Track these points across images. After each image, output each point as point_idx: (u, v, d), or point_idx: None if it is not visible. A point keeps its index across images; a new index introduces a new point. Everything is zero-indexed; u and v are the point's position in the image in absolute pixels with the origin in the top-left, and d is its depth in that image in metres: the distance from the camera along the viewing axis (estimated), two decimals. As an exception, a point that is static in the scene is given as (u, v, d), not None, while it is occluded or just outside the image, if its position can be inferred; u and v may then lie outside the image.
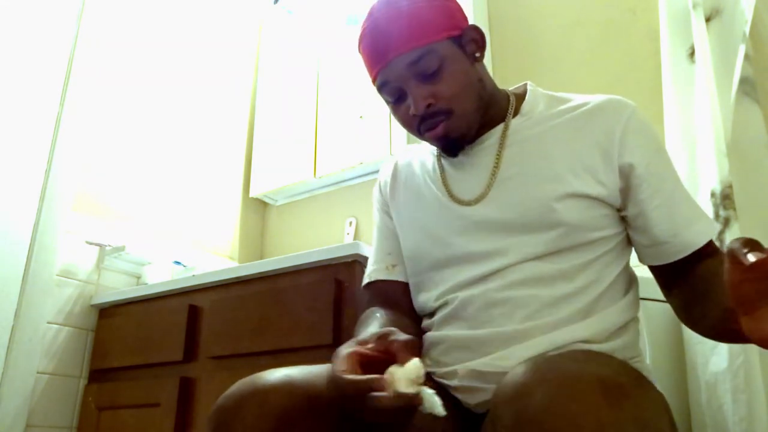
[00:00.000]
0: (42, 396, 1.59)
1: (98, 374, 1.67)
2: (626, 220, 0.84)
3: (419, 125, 0.85)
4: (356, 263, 1.27)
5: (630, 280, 0.86)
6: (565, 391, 0.54)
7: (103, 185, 1.84)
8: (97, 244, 1.77)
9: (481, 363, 0.77)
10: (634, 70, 1.58)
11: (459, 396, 0.80)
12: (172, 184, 2.05)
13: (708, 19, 1.31)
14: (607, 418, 0.52)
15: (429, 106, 0.82)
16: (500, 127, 0.89)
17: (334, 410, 0.70)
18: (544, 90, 0.93)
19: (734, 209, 1.12)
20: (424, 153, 1.00)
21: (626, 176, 0.81)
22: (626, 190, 0.82)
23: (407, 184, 0.98)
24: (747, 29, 1.24)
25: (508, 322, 0.77)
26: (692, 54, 1.32)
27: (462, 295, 0.82)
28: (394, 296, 0.94)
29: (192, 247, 2.03)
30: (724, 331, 0.68)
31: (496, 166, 0.85)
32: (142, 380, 1.53)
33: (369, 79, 0.90)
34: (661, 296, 0.87)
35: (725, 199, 1.13)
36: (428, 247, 0.88)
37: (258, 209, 2.33)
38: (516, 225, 0.81)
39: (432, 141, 0.88)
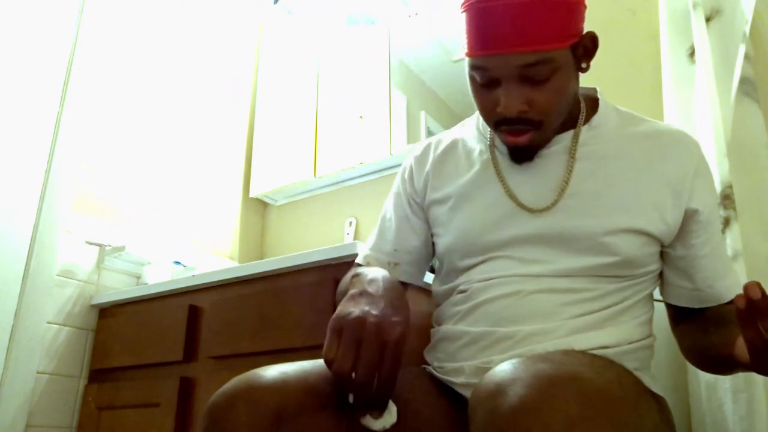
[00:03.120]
0: (42, 396, 1.59)
1: (98, 374, 1.67)
2: (666, 258, 0.84)
3: (501, 123, 0.80)
4: (356, 263, 1.27)
5: (651, 304, 0.87)
6: (537, 390, 0.54)
7: (103, 185, 1.84)
8: (97, 244, 1.77)
9: (491, 360, 0.77)
10: (634, 70, 1.58)
11: (463, 392, 0.80)
12: (172, 184, 2.05)
13: (708, 19, 1.31)
14: (578, 415, 0.52)
15: (522, 111, 0.77)
16: (569, 134, 0.85)
17: (328, 406, 0.70)
18: (612, 103, 0.91)
19: (734, 209, 1.12)
20: (469, 137, 0.94)
21: (688, 219, 0.82)
22: (681, 231, 0.82)
23: (452, 168, 0.92)
24: (747, 29, 1.24)
25: (529, 324, 0.77)
26: (692, 54, 1.32)
27: (490, 290, 0.81)
28: None
29: (192, 247, 2.03)
30: (727, 357, 0.70)
31: (566, 180, 0.82)
32: (142, 380, 1.53)
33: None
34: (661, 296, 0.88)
35: (725, 199, 1.13)
36: (475, 236, 0.84)
37: (258, 209, 2.33)
38: (573, 244, 0.80)
39: (505, 142, 0.83)
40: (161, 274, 1.75)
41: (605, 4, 1.69)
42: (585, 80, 1.64)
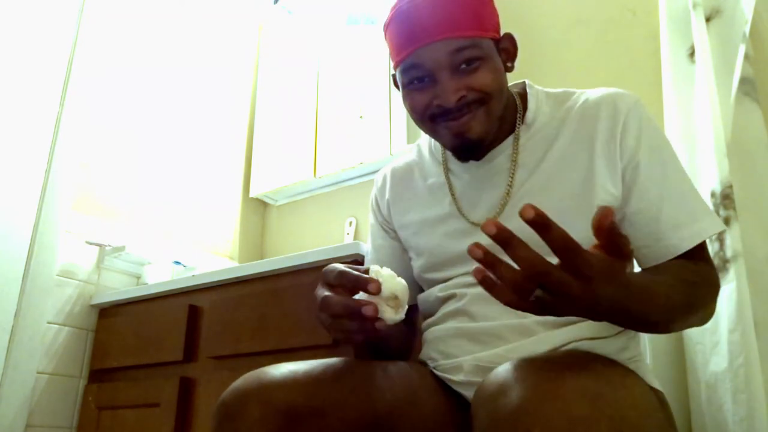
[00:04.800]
0: (42, 396, 1.59)
1: (98, 374, 1.67)
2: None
3: (440, 116, 0.80)
4: (356, 263, 1.27)
5: None
6: (538, 390, 0.54)
7: (103, 185, 1.84)
8: (97, 244, 1.77)
9: (487, 356, 0.77)
10: (634, 70, 1.58)
11: (462, 391, 0.80)
12: (172, 184, 2.05)
13: (708, 19, 1.31)
14: (580, 415, 0.52)
15: (460, 99, 0.78)
16: (509, 141, 0.86)
17: (337, 405, 0.70)
18: (543, 88, 0.91)
19: (734, 209, 1.12)
20: (423, 161, 0.97)
21: (623, 178, 0.81)
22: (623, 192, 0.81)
23: (410, 194, 0.95)
24: (747, 29, 1.24)
25: (516, 318, 0.78)
26: (692, 54, 1.32)
27: (471, 291, 0.82)
28: None
29: (192, 247, 2.03)
30: None
31: (510, 185, 0.83)
32: (142, 380, 1.53)
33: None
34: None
35: (725, 199, 1.13)
36: (439, 258, 0.87)
37: (258, 209, 2.33)
38: (533, 244, 0.79)
39: (446, 137, 0.83)
40: (161, 274, 1.75)
41: (605, 4, 1.69)
42: (585, 78, 1.65)
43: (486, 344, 0.79)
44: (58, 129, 1.72)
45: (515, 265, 0.53)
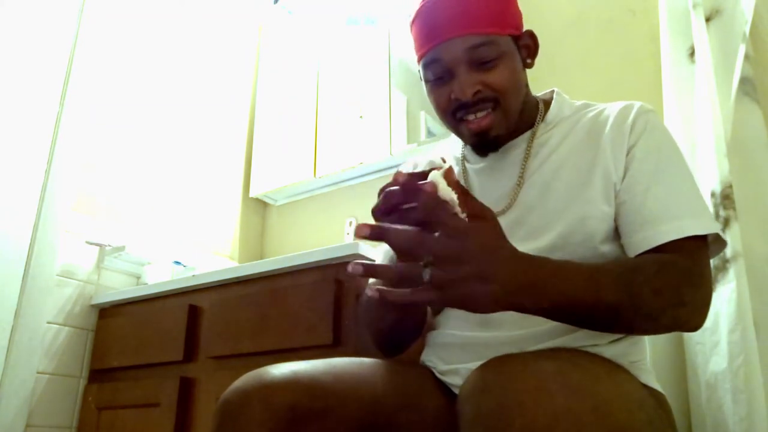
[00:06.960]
0: (42, 396, 1.59)
1: (98, 374, 1.67)
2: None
3: (459, 110, 0.83)
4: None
5: None
6: (521, 384, 0.54)
7: (103, 185, 1.84)
8: (97, 244, 1.77)
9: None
10: (634, 70, 1.58)
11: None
12: (172, 184, 2.05)
13: (708, 19, 1.31)
14: (562, 408, 0.52)
15: (476, 93, 0.80)
16: (527, 136, 0.88)
17: (338, 406, 0.70)
18: (569, 97, 0.93)
19: (734, 209, 1.12)
20: (446, 156, 0.99)
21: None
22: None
23: None
24: (747, 29, 1.24)
25: (515, 328, 0.77)
26: (692, 54, 1.32)
27: None
28: None
29: (192, 247, 2.03)
30: None
31: (520, 179, 0.84)
32: (142, 380, 1.53)
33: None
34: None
35: (725, 199, 1.13)
36: None
37: (258, 209, 2.33)
38: (538, 234, 0.80)
39: (467, 134, 0.85)
40: (161, 274, 1.75)
41: (605, 4, 1.69)
42: (585, 78, 1.65)
43: (485, 356, 0.78)
44: (58, 129, 1.72)
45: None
